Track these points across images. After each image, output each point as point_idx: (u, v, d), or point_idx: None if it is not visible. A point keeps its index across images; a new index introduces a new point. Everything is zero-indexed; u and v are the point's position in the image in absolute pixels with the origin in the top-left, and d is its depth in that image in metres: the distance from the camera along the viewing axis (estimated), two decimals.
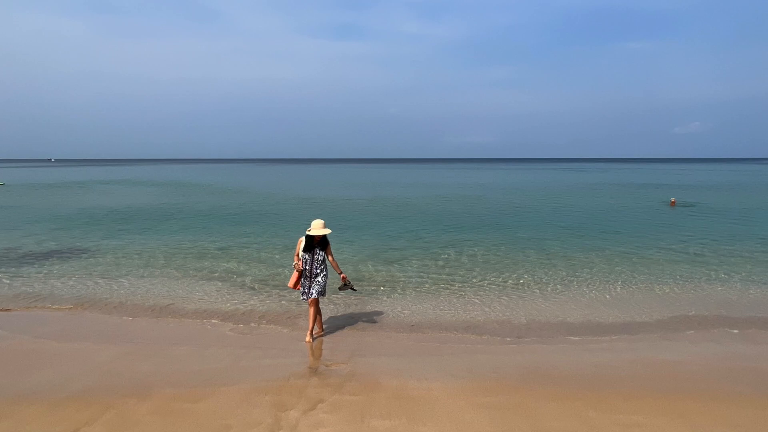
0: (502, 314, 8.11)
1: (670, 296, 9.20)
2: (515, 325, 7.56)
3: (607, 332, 7.26)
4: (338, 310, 8.24)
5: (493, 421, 4.46)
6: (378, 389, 5.12)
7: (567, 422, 4.45)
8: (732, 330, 7.35)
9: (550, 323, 7.64)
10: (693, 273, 10.96)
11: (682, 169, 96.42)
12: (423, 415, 4.57)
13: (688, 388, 5.24)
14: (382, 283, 10.03)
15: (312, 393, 5.03)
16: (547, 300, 8.91)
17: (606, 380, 5.47)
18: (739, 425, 4.43)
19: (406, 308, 8.40)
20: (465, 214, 22.80)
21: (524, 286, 9.87)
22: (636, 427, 4.37)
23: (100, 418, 4.53)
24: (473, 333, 7.20)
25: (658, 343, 6.84)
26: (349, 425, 4.37)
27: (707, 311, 8.25)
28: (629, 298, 9.03)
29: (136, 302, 8.74)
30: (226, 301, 8.79)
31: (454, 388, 5.16)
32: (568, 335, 7.13)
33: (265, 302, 8.75)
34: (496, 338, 7.02)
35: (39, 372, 5.68)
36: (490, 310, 8.29)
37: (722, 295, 9.30)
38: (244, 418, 4.48)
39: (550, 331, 7.28)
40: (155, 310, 8.31)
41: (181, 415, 4.60)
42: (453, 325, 7.52)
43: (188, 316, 8.02)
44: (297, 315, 7.97)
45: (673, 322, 7.74)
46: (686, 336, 7.12)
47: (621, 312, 8.20)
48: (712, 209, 23.88)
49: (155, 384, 5.30)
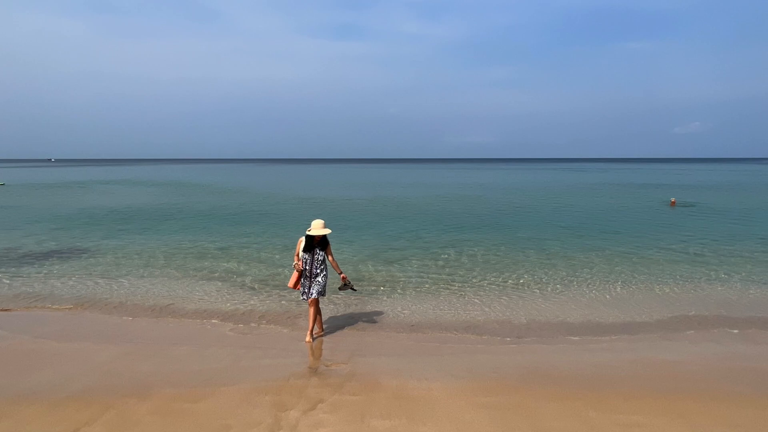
0: (502, 314, 8.11)
1: (670, 296, 9.20)
2: (515, 325, 7.57)
3: (607, 332, 7.26)
4: (338, 310, 8.24)
5: (493, 421, 4.46)
6: (378, 389, 5.12)
7: (567, 422, 4.45)
8: (732, 330, 7.35)
9: (550, 323, 7.65)
10: (693, 273, 10.96)
11: (681, 169, 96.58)
12: (423, 415, 4.57)
13: (688, 388, 5.24)
14: (382, 283, 10.03)
15: (312, 393, 5.03)
16: (547, 300, 8.91)
17: (606, 380, 5.47)
18: (739, 425, 4.43)
19: (405, 308, 8.40)
20: (465, 214, 22.81)
21: (524, 286, 9.87)
22: (636, 426, 4.37)
23: (100, 418, 4.53)
24: (473, 333, 7.21)
25: (658, 343, 6.84)
26: (349, 425, 4.37)
27: (707, 311, 8.25)
28: (629, 298, 9.03)
29: (136, 302, 8.74)
30: (226, 302, 8.79)
31: (454, 388, 5.15)
32: (568, 335, 7.14)
33: (265, 302, 8.76)
34: (496, 338, 7.02)
35: (39, 372, 5.68)
36: (490, 310, 8.30)
37: (722, 295, 9.31)
38: (244, 418, 4.48)
39: (550, 331, 7.29)
40: (155, 310, 8.32)
41: (181, 415, 4.60)
42: (453, 325, 7.52)
43: (188, 316, 8.02)
44: (297, 315, 7.98)
45: (673, 322, 7.74)
46: (686, 336, 7.12)
47: (621, 312, 8.21)
48: (711, 209, 23.88)
49: (155, 384, 5.31)
